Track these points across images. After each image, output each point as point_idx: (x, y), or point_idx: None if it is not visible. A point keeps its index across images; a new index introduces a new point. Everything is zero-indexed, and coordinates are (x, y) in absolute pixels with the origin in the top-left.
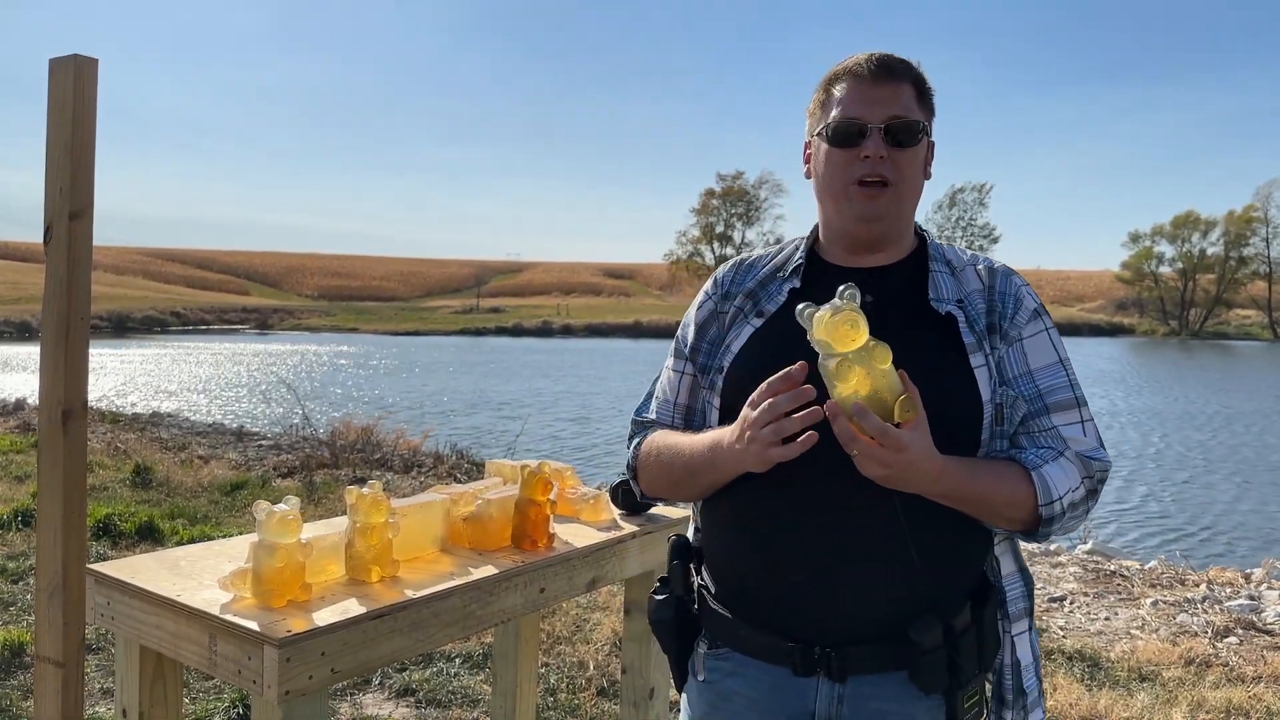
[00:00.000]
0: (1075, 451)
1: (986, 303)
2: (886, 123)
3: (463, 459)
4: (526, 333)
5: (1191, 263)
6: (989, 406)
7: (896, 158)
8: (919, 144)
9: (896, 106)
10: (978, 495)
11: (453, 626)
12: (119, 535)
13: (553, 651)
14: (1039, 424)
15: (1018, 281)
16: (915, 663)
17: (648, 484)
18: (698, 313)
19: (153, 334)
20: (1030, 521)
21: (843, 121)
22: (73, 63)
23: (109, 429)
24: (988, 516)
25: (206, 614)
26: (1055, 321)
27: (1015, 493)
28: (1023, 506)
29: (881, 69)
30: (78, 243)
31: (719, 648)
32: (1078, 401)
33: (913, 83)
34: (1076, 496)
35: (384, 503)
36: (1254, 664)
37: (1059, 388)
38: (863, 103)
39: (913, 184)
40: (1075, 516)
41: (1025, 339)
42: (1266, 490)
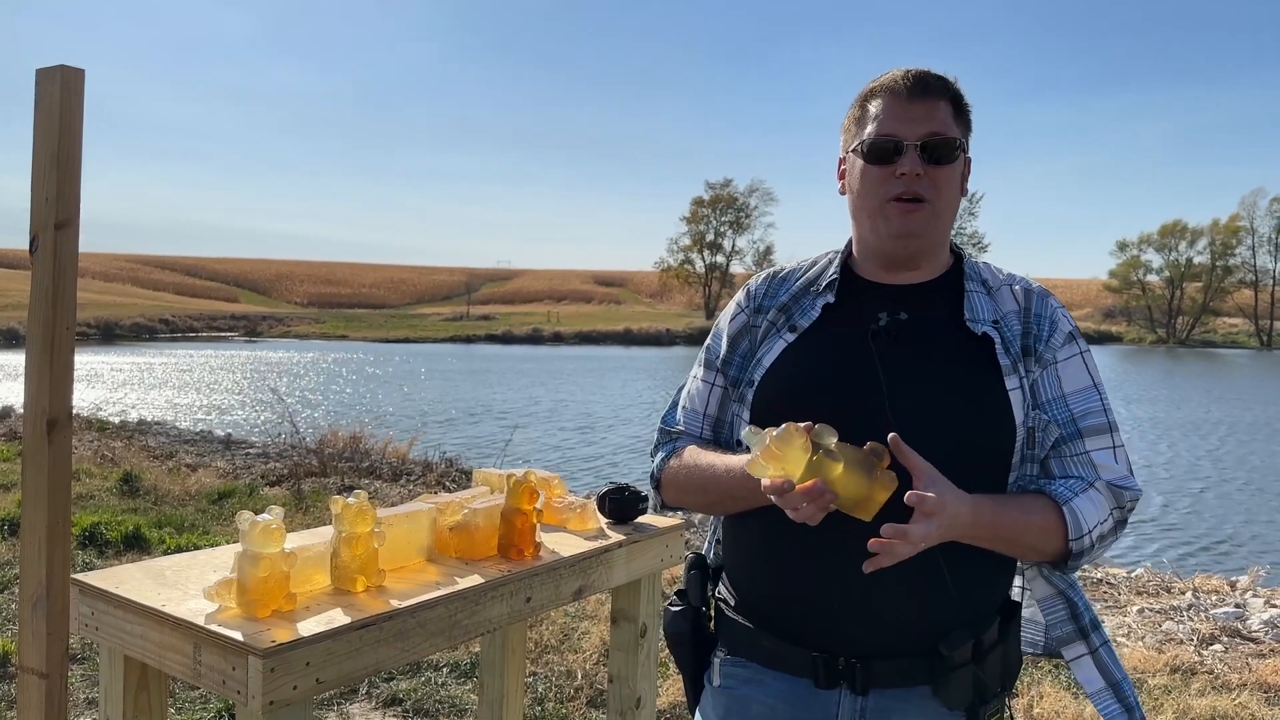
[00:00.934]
0: (1106, 481)
1: (1022, 325)
2: (923, 140)
3: (451, 467)
4: (517, 340)
5: (1179, 271)
6: (1021, 429)
7: (933, 175)
8: (956, 161)
9: (934, 123)
10: (1008, 532)
11: (438, 636)
12: (105, 544)
13: (540, 661)
14: (1071, 448)
15: (1054, 304)
16: (943, 678)
17: (674, 497)
18: (730, 324)
19: (141, 341)
20: (1060, 554)
21: (879, 139)
22: (59, 73)
23: (96, 437)
24: (1018, 551)
25: (191, 624)
26: None
27: (1045, 527)
28: (1052, 540)
29: (918, 85)
30: (63, 252)
31: (737, 657)
32: (1110, 427)
33: (950, 99)
34: (1105, 529)
35: (370, 512)
36: (1239, 671)
37: (1092, 412)
38: (899, 120)
39: (949, 201)
40: (1106, 545)
41: (1060, 362)
42: (1253, 497)
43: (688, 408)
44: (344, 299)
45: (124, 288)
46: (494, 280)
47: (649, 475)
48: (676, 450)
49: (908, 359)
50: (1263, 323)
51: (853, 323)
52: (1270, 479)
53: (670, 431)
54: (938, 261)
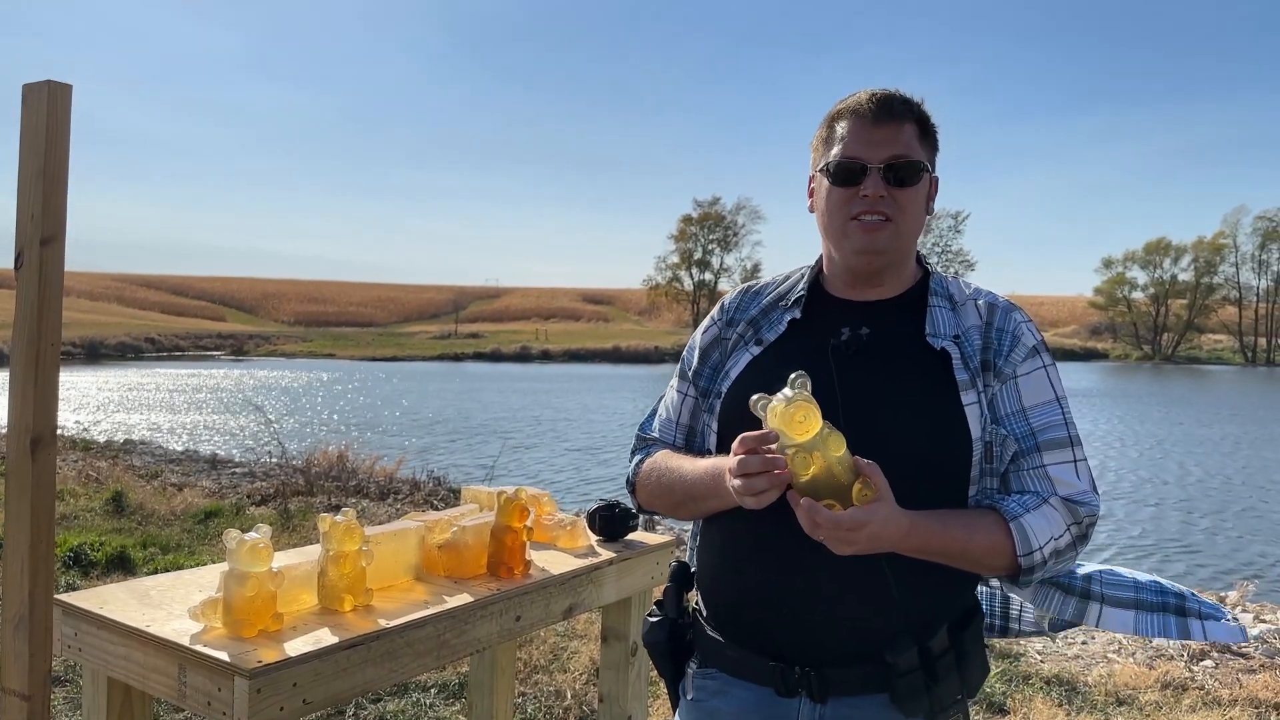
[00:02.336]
0: (1062, 496)
1: (983, 339)
2: (886, 162)
3: (440, 485)
4: (505, 358)
5: (1163, 288)
6: (978, 444)
7: (897, 196)
8: (919, 182)
9: (897, 146)
10: (951, 548)
11: (427, 656)
12: (90, 565)
13: (530, 680)
14: (1028, 462)
15: (1018, 318)
16: (893, 685)
17: (646, 499)
18: (703, 337)
19: (127, 360)
20: (1010, 570)
21: (843, 160)
22: (46, 88)
23: (81, 456)
24: (967, 565)
25: (176, 644)
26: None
27: (991, 546)
28: (1000, 556)
29: (882, 108)
30: (49, 269)
31: (708, 668)
32: (1071, 441)
33: (915, 121)
34: (1061, 544)
35: (357, 531)
36: (1229, 687)
37: (1052, 426)
38: (863, 142)
39: (913, 220)
40: (1063, 561)
41: (1020, 376)
42: (1242, 513)
43: (664, 416)
44: (331, 317)
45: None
46: (482, 298)
47: (625, 479)
48: (650, 455)
49: (866, 374)
50: (1247, 339)
51: (816, 337)
52: (1259, 494)
53: (646, 438)
54: (903, 278)
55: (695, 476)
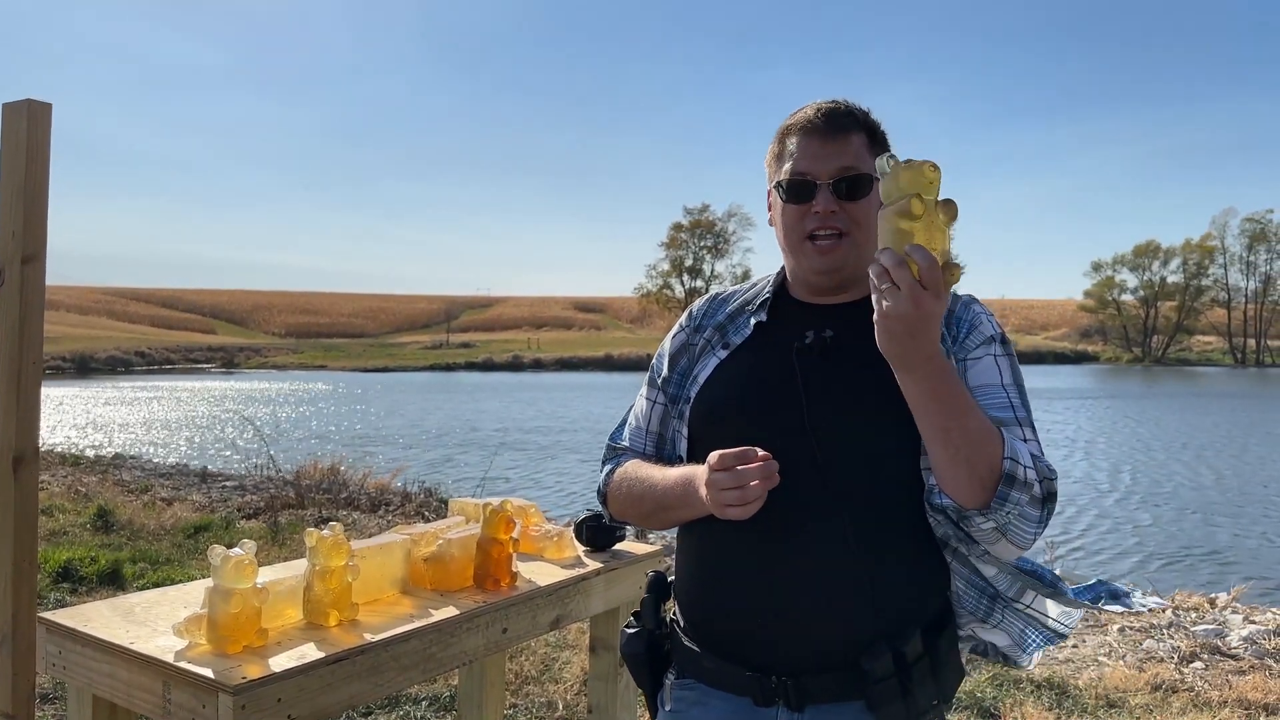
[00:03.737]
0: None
1: (944, 328)
2: (835, 177)
3: (430, 497)
4: (497, 367)
5: (1153, 291)
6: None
7: (850, 210)
8: (871, 193)
9: (845, 158)
10: (958, 405)
11: (413, 670)
12: (79, 580)
13: (521, 692)
14: None
15: (977, 309)
16: (869, 692)
17: (617, 510)
18: (671, 343)
19: (117, 374)
20: (989, 481)
21: (793, 178)
22: (26, 107)
23: (70, 471)
24: (954, 449)
25: (160, 661)
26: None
27: (988, 431)
28: (990, 449)
29: (829, 123)
30: (30, 287)
31: (685, 678)
32: (1018, 421)
33: (865, 131)
34: (1035, 488)
35: (344, 545)
36: (1219, 689)
37: (994, 406)
38: (812, 158)
39: (868, 232)
40: (1030, 515)
41: (968, 360)
42: (1233, 514)
43: (633, 425)
44: (322, 329)
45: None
46: (473, 308)
47: (597, 490)
48: (620, 465)
49: (830, 375)
50: (1236, 340)
51: (781, 340)
52: (1248, 494)
53: (616, 448)
54: (865, 282)
55: (665, 487)
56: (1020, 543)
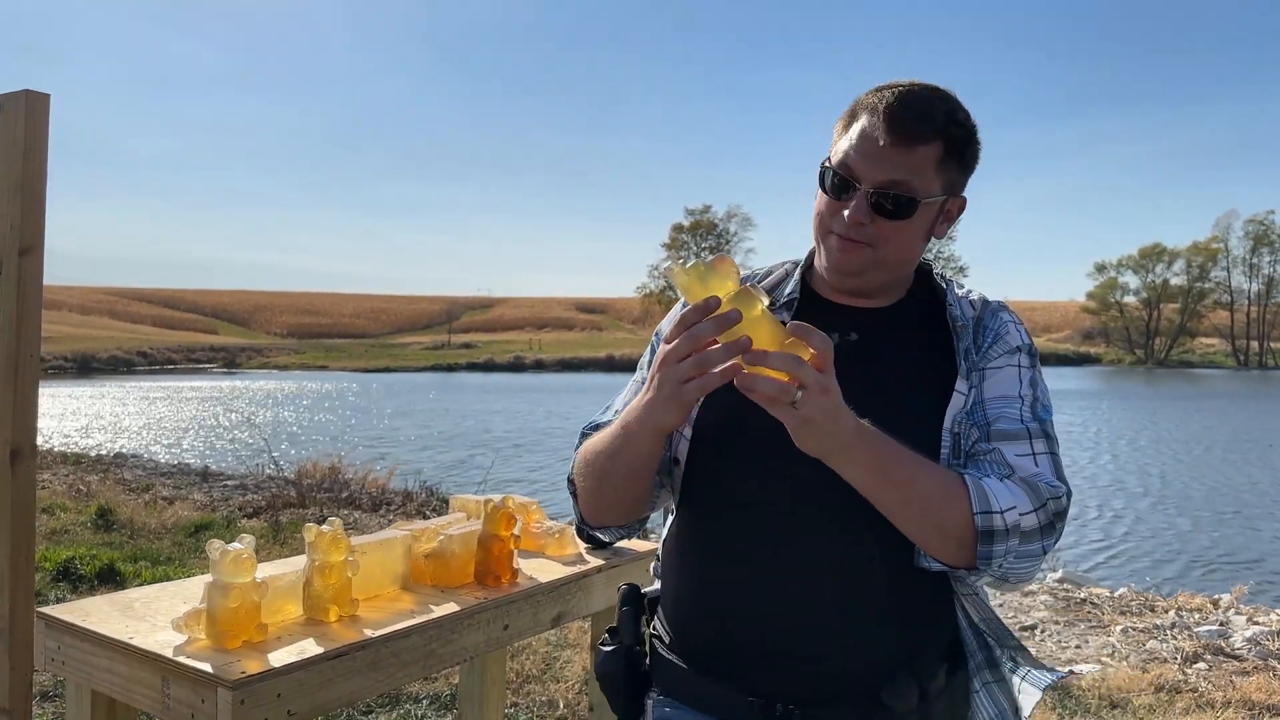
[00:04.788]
0: (1021, 477)
1: (972, 335)
2: (877, 188)
3: (432, 496)
4: (498, 368)
5: (1155, 292)
6: (946, 435)
7: (881, 225)
8: (911, 215)
9: (899, 171)
10: (902, 473)
11: (413, 666)
12: (79, 579)
13: (522, 691)
14: (984, 448)
15: (1006, 318)
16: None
17: (584, 499)
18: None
19: (118, 374)
20: (966, 534)
21: (836, 169)
22: (24, 98)
23: (71, 470)
24: (917, 518)
25: (159, 656)
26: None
27: (946, 488)
28: (955, 507)
29: (898, 124)
30: (27, 280)
31: (671, 698)
32: (1029, 434)
33: (942, 141)
34: (1026, 523)
35: (343, 540)
36: (1223, 689)
37: (1006, 418)
38: (864, 154)
39: (900, 251)
40: (1028, 551)
41: (988, 368)
42: (1234, 515)
43: (618, 409)
44: (324, 329)
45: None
46: (475, 309)
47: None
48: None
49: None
50: (1239, 342)
51: None
52: (1254, 496)
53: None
54: (894, 291)
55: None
56: (1024, 579)
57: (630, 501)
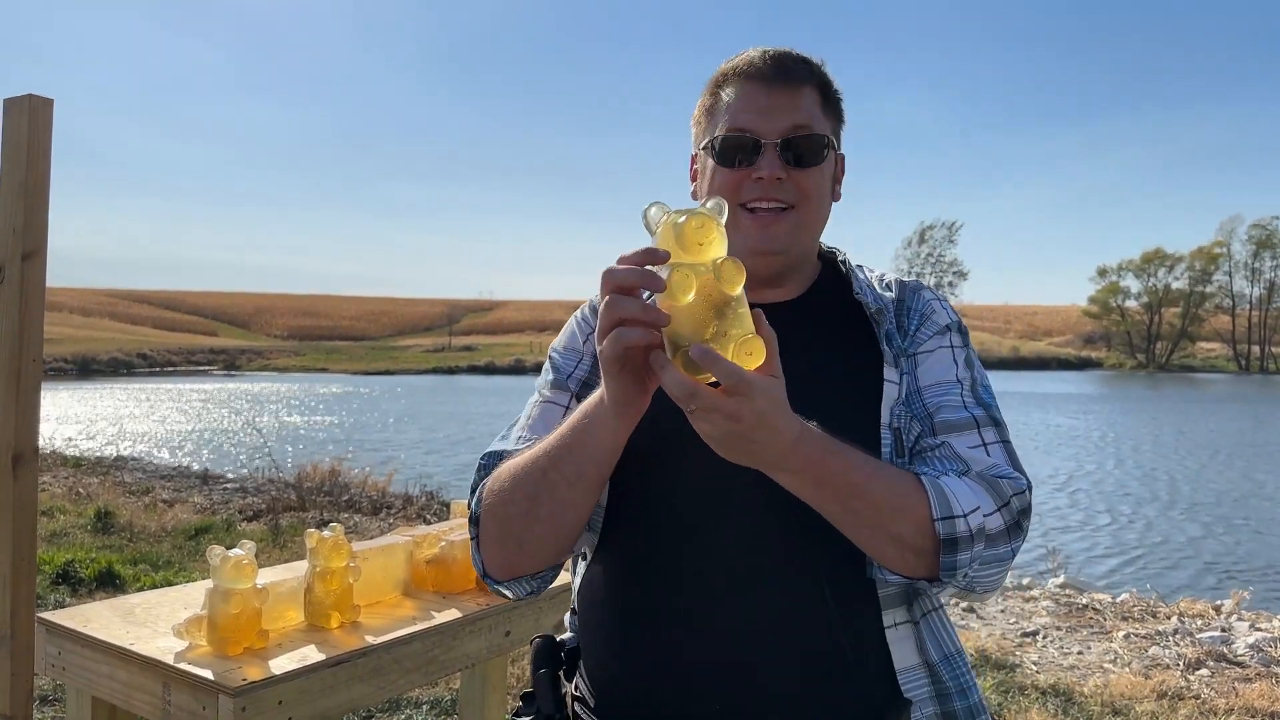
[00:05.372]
0: (978, 471)
1: (895, 321)
2: (785, 136)
3: (432, 499)
4: (499, 371)
5: (1157, 297)
6: (886, 433)
7: (798, 179)
8: (824, 161)
9: (797, 115)
10: (850, 479)
11: (415, 673)
12: (79, 582)
13: None
14: (931, 443)
15: (928, 296)
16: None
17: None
18: (582, 333)
19: (119, 376)
20: (927, 547)
21: (732, 134)
22: (27, 102)
23: (71, 473)
24: (869, 529)
25: (160, 663)
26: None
27: (901, 493)
28: (912, 514)
29: (778, 69)
30: (30, 283)
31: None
32: (976, 422)
33: (817, 86)
34: (991, 525)
35: (345, 546)
36: (1225, 696)
37: (947, 406)
38: (756, 112)
39: (818, 208)
40: (995, 555)
41: (919, 354)
42: (1237, 520)
43: (526, 436)
44: (324, 331)
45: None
46: (475, 311)
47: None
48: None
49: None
50: (1240, 347)
51: None
52: (1255, 501)
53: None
54: (804, 275)
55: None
56: (990, 589)
57: (564, 529)
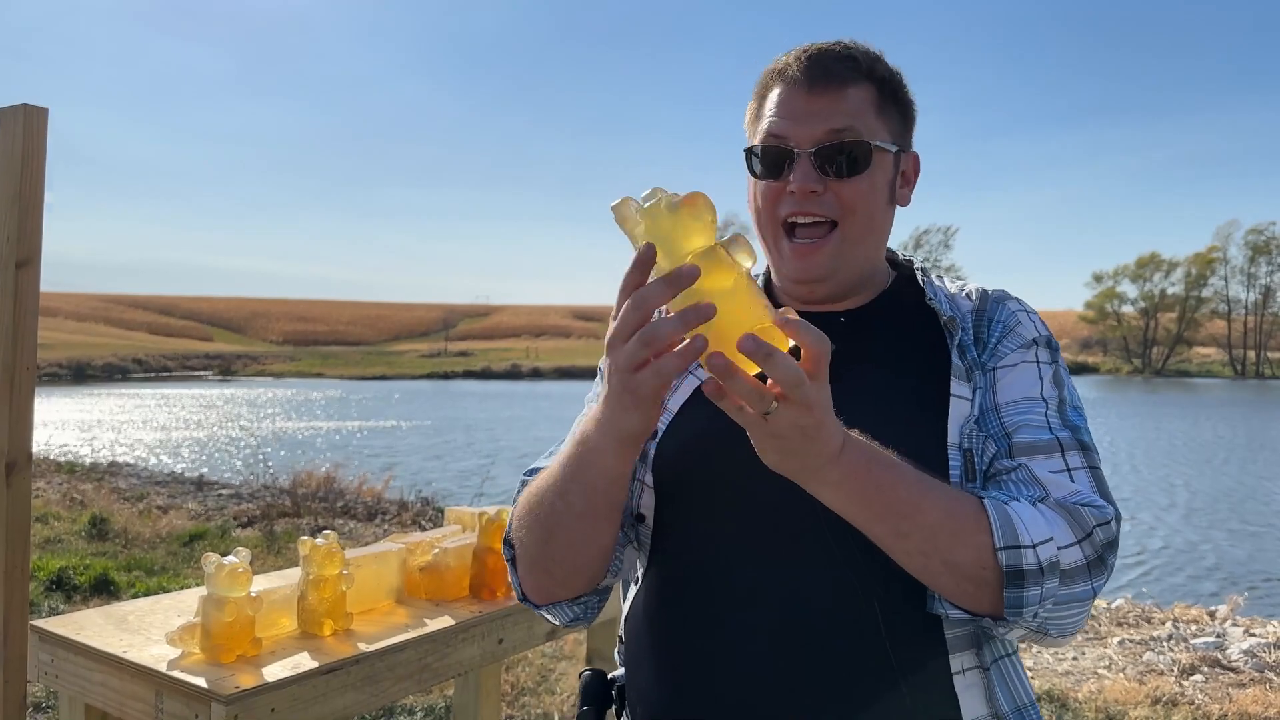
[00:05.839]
0: (1058, 499)
1: (974, 331)
2: (820, 144)
3: (427, 506)
4: (495, 376)
5: (1153, 302)
6: (955, 453)
7: (838, 189)
8: (868, 169)
9: (835, 119)
10: (898, 498)
11: (408, 680)
12: (73, 589)
13: (517, 704)
14: (1007, 465)
15: (1013, 306)
16: None
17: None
18: None
19: (114, 381)
20: (988, 579)
21: (766, 143)
22: (22, 112)
23: (65, 479)
24: (921, 556)
25: (153, 670)
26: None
27: (960, 517)
28: (971, 542)
29: (815, 70)
30: (24, 292)
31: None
32: (1060, 445)
33: (869, 82)
34: (1068, 559)
35: (338, 554)
36: (1219, 702)
37: (1028, 426)
38: (791, 118)
39: (867, 221)
40: (1072, 594)
41: (1000, 369)
42: (1232, 526)
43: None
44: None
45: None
46: (472, 316)
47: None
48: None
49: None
50: (1236, 352)
51: None
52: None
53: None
54: (871, 285)
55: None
56: (1068, 631)
57: (586, 558)
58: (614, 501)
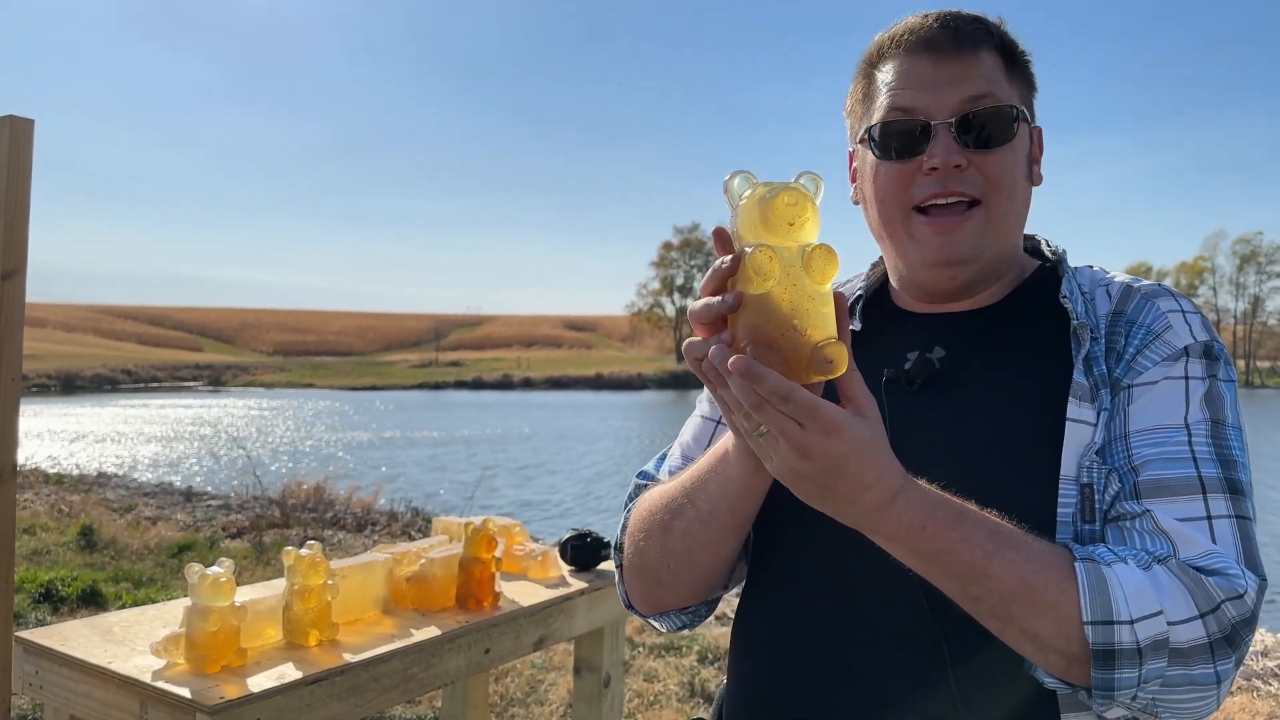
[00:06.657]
0: (1185, 559)
1: (1107, 336)
2: (961, 113)
3: (417, 516)
4: (487, 386)
5: None
6: (1071, 487)
7: (982, 163)
8: (1014, 138)
9: (974, 84)
10: (963, 561)
11: (393, 690)
12: (61, 600)
13: (506, 714)
14: (1126, 509)
15: (1164, 306)
16: None
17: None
18: None
19: (103, 392)
20: (1075, 653)
21: (893, 118)
22: (8, 123)
23: (53, 490)
24: (997, 620)
25: (138, 682)
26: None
27: (1040, 584)
28: (1052, 613)
29: (947, 32)
30: (9, 303)
31: None
32: (1203, 485)
33: (998, 48)
34: (1182, 636)
35: (323, 564)
36: None
37: (1163, 459)
38: (922, 87)
39: (1011, 197)
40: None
41: (1136, 387)
42: None
43: (677, 462)
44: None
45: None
46: (463, 326)
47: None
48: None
49: (928, 416)
50: None
51: (877, 364)
52: None
53: (644, 484)
54: (1004, 281)
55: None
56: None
57: (705, 569)
58: (739, 515)
